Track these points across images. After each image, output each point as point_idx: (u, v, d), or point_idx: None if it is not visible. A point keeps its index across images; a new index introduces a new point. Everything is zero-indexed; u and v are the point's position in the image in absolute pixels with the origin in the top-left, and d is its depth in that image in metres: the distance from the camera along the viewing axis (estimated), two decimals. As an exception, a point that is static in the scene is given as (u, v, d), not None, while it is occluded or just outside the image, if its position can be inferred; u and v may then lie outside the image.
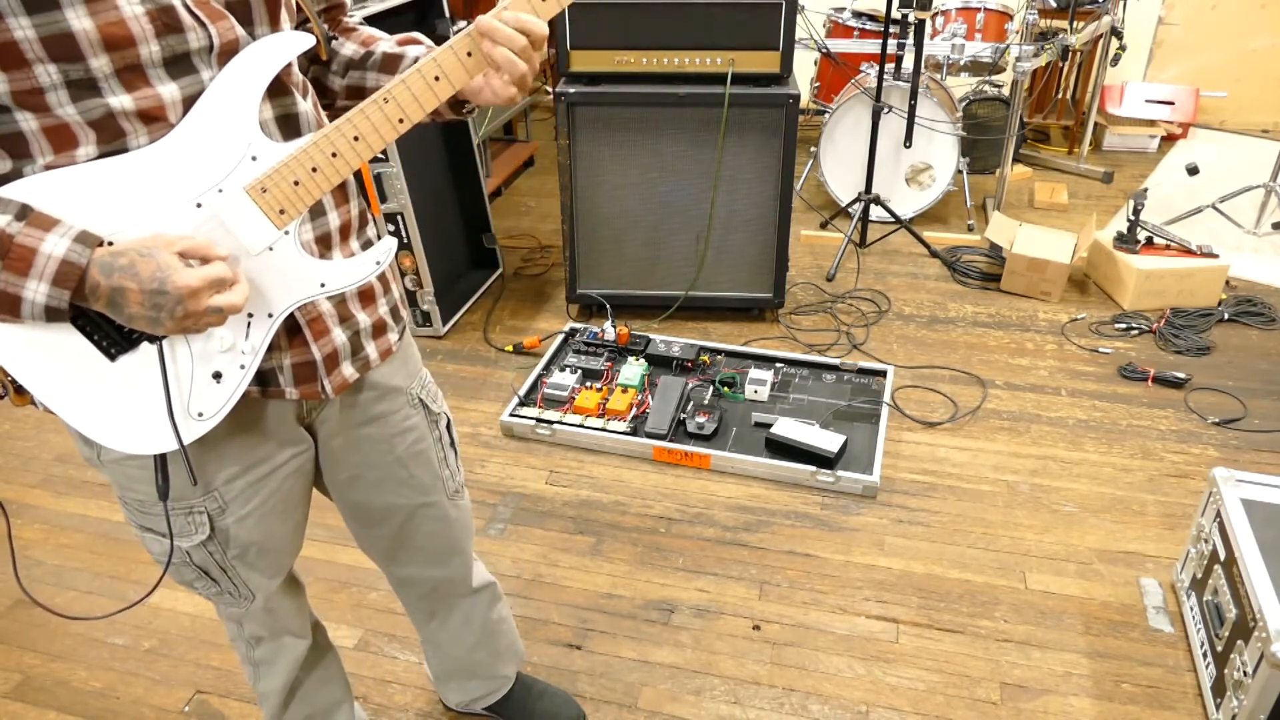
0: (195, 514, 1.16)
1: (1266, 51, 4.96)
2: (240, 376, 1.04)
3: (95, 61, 0.87)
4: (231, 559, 1.23)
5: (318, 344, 1.13)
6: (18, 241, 0.88)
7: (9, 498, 2.42)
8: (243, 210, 0.98)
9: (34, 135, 0.91)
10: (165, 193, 0.94)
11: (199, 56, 0.94)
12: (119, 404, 1.00)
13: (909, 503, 2.37)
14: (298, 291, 1.04)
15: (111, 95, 0.90)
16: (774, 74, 2.86)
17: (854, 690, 1.87)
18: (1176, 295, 3.25)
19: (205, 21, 0.93)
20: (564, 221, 3.07)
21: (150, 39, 0.89)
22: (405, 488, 1.36)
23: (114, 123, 0.92)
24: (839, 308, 3.32)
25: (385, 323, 1.23)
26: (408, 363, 1.31)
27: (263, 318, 1.03)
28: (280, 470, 1.21)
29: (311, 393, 1.15)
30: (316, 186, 1.00)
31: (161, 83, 0.92)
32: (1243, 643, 1.70)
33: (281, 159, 0.98)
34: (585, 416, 2.64)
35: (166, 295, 0.89)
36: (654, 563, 2.19)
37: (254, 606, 1.32)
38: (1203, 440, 2.59)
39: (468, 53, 1.02)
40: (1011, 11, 4.10)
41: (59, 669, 1.93)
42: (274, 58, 0.97)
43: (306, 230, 1.08)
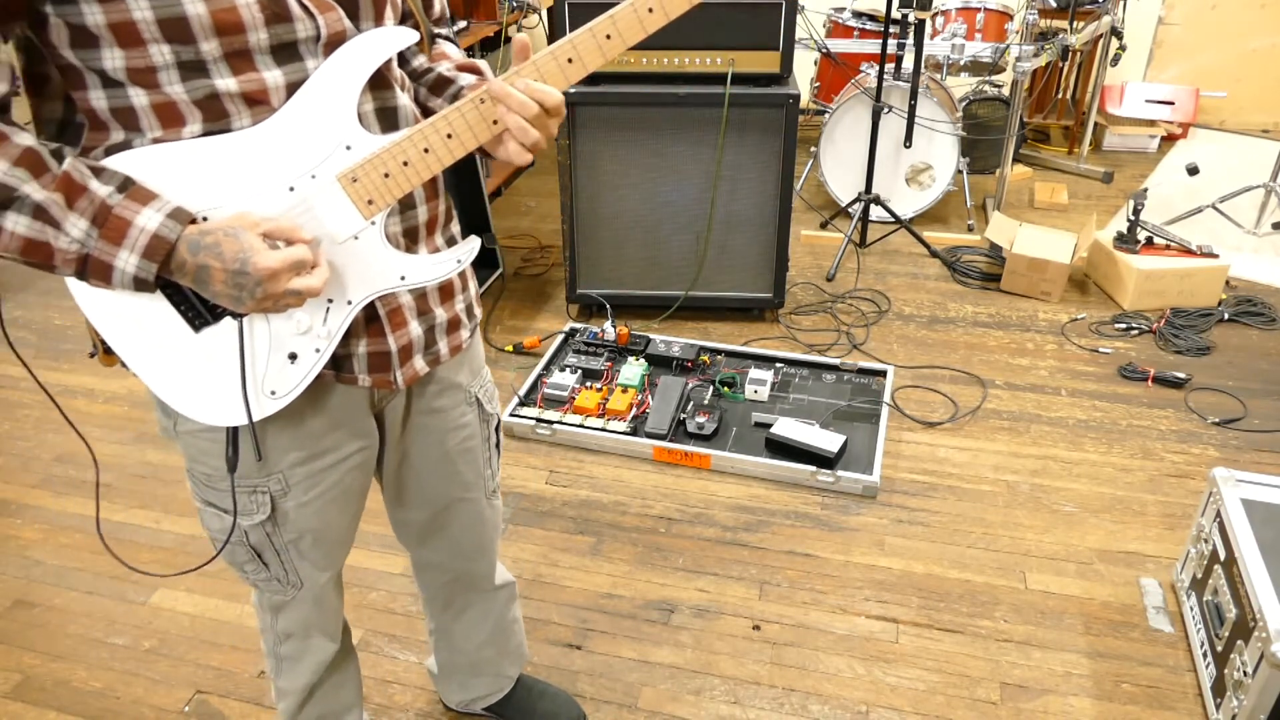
0: (259, 493, 1.19)
1: (1266, 51, 4.96)
2: (315, 360, 1.06)
3: (205, 45, 0.91)
4: (286, 543, 1.25)
5: (394, 335, 1.15)
6: (115, 213, 0.92)
7: (9, 498, 2.42)
8: (332, 197, 1.00)
9: (144, 110, 0.94)
10: (261, 174, 0.98)
11: (305, 46, 0.97)
12: (197, 374, 1.05)
13: (909, 503, 2.37)
14: (378, 282, 1.06)
15: (218, 77, 0.93)
16: (774, 74, 2.86)
17: (854, 690, 1.87)
18: (1176, 295, 3.25)
19: (314, 12, 0.96)
20: (564, 221, 3.07)
21: (259, 26, 0.92)
22: (448, 481, 1.39)
23: (218, 104, 0.95)
24: (839, 308, 3.32)
25: (460, 320, 1.26)
26: (472, 361, 1.34)
27: (341, 304, 1.05)
28: (346, 462, 1.23)
29: (384, 382, 1.17)
30: (407, 180, 1.02)
31: (267, 68, 0.95)
32: (1243, 643, 1.70)
33: (375, 151, 1.00)
34: (585, 416, 2.64)
35: (247, 276, 0.93)
36: (654, 563, 2.19)
37: (300, 595, 1.34)
38: (1203, 440, 2.59)
39: (484, 119, 1.02)
40: (1011, 11, 4.10)
41: (59, 669, 1.93)
42: (378, 51, 0.99)
43: (394, 223, 1.10)
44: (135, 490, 2.44)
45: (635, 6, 1.00)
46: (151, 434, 2.66)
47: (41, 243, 0.91)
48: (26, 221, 0.90)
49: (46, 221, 0.90)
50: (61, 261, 0.93)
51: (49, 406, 2.80)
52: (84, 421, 2.72)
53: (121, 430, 2.68)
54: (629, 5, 1.00)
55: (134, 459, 2.56)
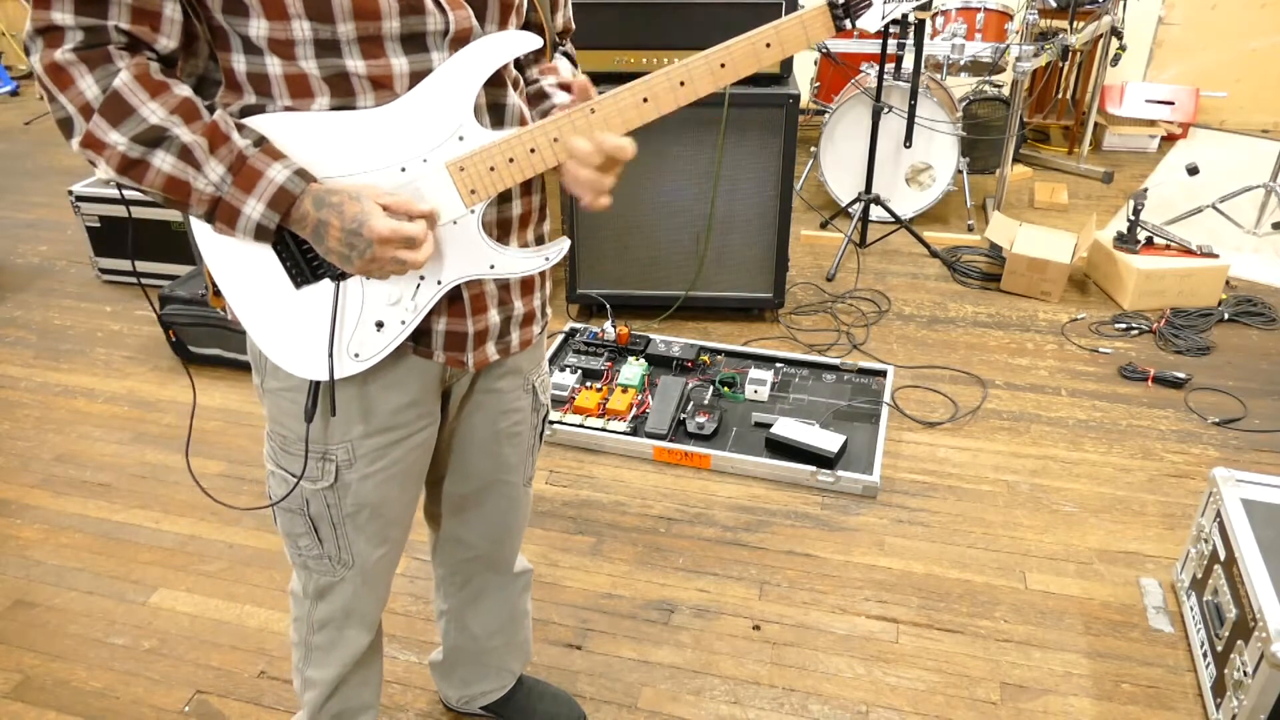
0: (326, 461, 1.23)
1: (1266, 51, 4.96)
2: (400, 330, 1.13)
3: (343, 27, 0.98)
4: (345, 516, 1.29)
5: (474, 319, 1.20)
6: (250, 163, 1.00)
7: (9, 498, 2.42)
8: (439, 182, 1.07)
9: (277, 79, 1.02)
10: (377, 152, 1.05)
11: (432, 39, 1.03)
12: (292, 327, 1.12)
13: (909, 503, 2.37)
14: (469, 267, 1.13)
15: (349, 58, 1.00)
16: (774, 74, 2.86)
17: (854, 690, 1.87)
18: (1176, 295, 3.25)
19: (446, 8, 1.02)
20: (564, 221, 3.07)
21: (394, 15, 0.99)
22: (493, 460, 1.43)
23: (346, 83, 1.02)
24: (839, 308, 3.32)
25: (535, 314, 1.31)
26: (535, 351, 1.39)
27: (432, 282, 1.12)
28: (411, 439, 1.27)
29: (456, 361, 1.22)
30: (510, 175, 1.08)
31: (395, 55, 1.02)
32: (1243, 643, 1.70)
33: (484, 144, 1.06)
34: (585, 416, 2.64)
35: (360, 237, 1.00)
36: (654, 563, 2.19)
37: (349, 576, 1.36)
38: (1203, 440, 2.59)
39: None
40: (1011, 11, 4.10)
41: (59, 669, 1.93)
42: (502, 52, 1.05)
43: (490, 212, 1.16)
44: (135, 490, 2.44)
45: (709, 59, 1.06)
46: (151, 434, 2.66)
47: (182, 181, 0.99)
48: (173, 160, 0.98)
49: (190, 163, 0.99)
50: (196, 201, 1.00)
51: (49, 406, 2.80)
52: (83, 421, 2.72)
53: (121, 430, 2.68)
54: (703, 57, 1.05)
55: (134, 459, 2.56)
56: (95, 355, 3.05)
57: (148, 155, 0.98)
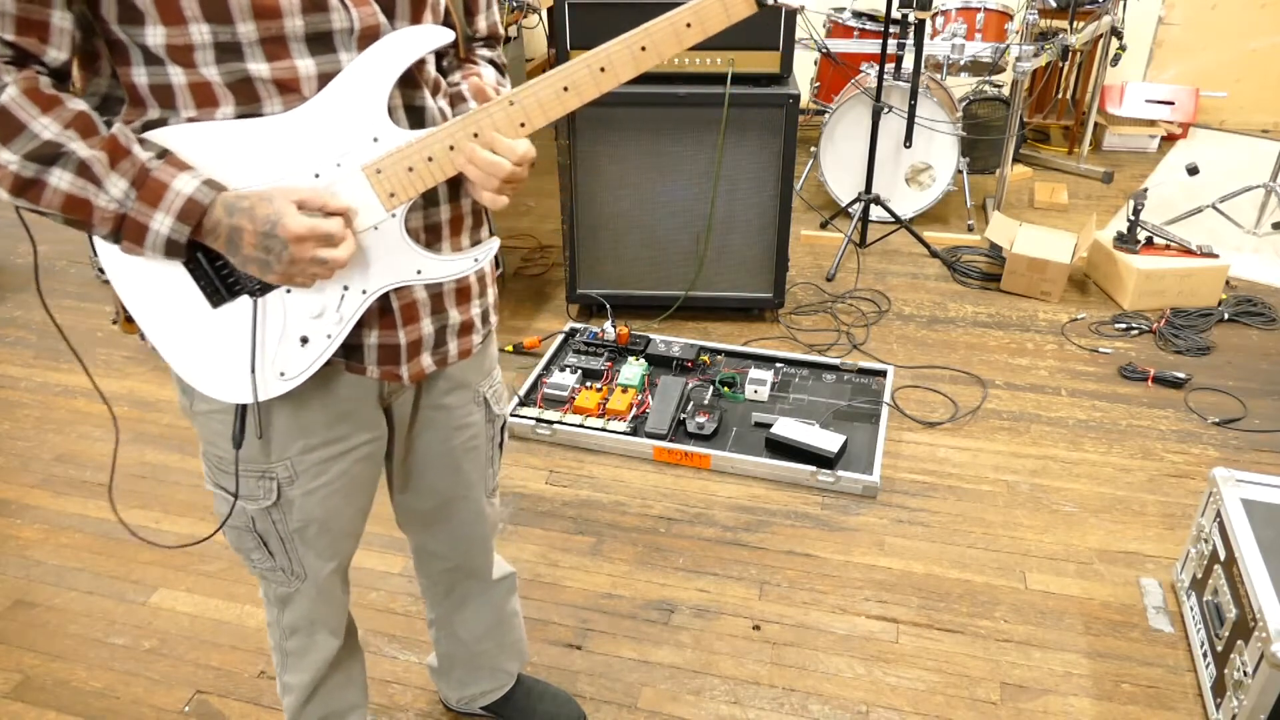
0: (267, 479, 1.21)
1: (1266, 51, 4.96)
2: (326, 344, 1.09)
3: (243, 28, 0.94)
4: (292, 531, 1.27)
5: (405, 329, 1.16)
6: (154, 175, 0.96)
7: (9, 498, 2.42)
8: (356, 187, 1.03)
9: (180, 89, 0.98)
10: (289, 159, 1.01)
11: (339, 37, 0.99)
12: (211, 350, 1.08)
13: (909, 503, 2.37)
14: (394, 274, 1.09)
15: (252, 62, 0.96)
16: (774, 74, 2.86)
17: (854, 690, 1.87)
18: (1176, 295, 3.25)
19: (349, 5, 0.98)
20: (564, 221, 3.07)
21: (296, 13, 0.95)
22: (451, 477, 1.41)
23: (251, 88, 0.98)
24: (839, 308, 3.32)
25: (473, 324, 1.27)
26: (483, 363, 1.35)
27: (356, 292, 1.08)
28: (354, 452, 1.25)
29: (391, 375, 1.19)
30: (430, 175, 1.04)
31: (300, 57, 0.98)
32: (1243, 643, 1.70)
33: (400, 144, 1.02)
34: (585, 416, 2.64)
35: (276, 239, 0.96)
36: (654, 563, 2.19)
37: (304, 587, 1.35)
38: (1203, 440, 2.59)
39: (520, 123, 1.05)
40: (1011, 11, 4.10)
41: (59, 669, 1.93)
42: (412, 48, 1.01)
43: (416, 218, 1.11)
44: (135, 490, 2.44)
45: (629, 43, 1.02)
46: (152, 434, 2.66)
47: (82, 200, 0.95)
48: (70, 178, 0.94)
49: (89, 179, 0.94)
50: (99, 220, 0.96)
51: (49, 406, 2.80)
52: (84, 421, 2.72)
53: (121, 430, 2.68)
54: (622, 41, 1.02)
55: (134, 459, 2.56)
56: (95, 355, 3.05)
57: (43, 174, 0.93)
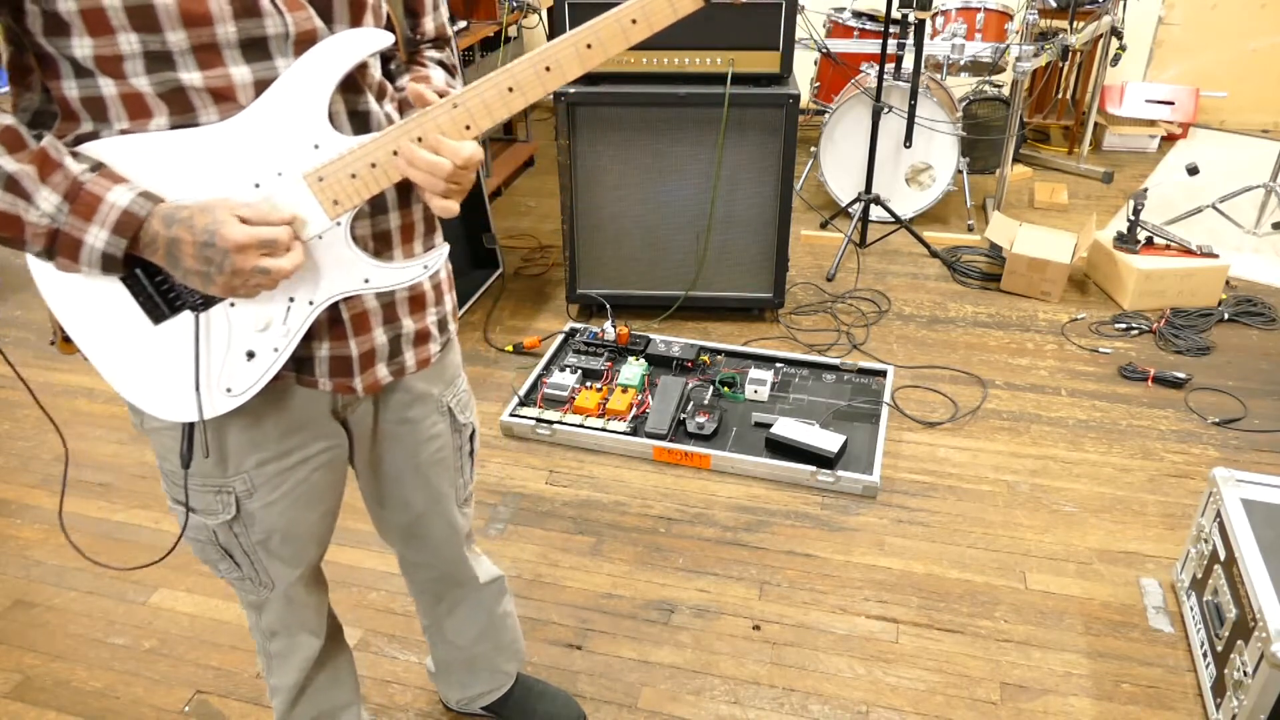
0: (224, 493, 1.19)
1: (1266, 51, 4.96)
2: (273, 359, 1.06)
3: (172, 35, 0.91)
4: (255, 543, 1.25)
5: (357, 340, 1.14)
6: (87, 188, 0.92)
7: (9, 498, 2.42)
8: (298, 196, 1.00)
9: (112, 101, 0.95)
10: (227, 169, 0.98)
11: (275, 43, 0.96)
12: (154, 368, 1.05)
13: (909, 503, 2.37)
14: (341, 284, 1.06)
15: (184, 71, 0.93)
16: (774, 74, 2.86)
17: (854, 690, 1.87)
18: (1176, 295, 3.25)
19: (283, 9, 0.95)
20: (564, 221, 3.07)
21: (228, 19, 0.92)
22: (422, 490, 1.39)
23: (184, 98, 0.95)
24: (839, 308, 3.32)
25: (429, 332, 1.24)
26: (445, 372, 1.32)
27: (303, 303, 1.05)
28: (311, 461, 1.23)
29: (344, 387, 1.16)
30: (375, 182, 1.01)
31: (235, 64, 0.95)
32: (1243, 643, 1.70)
33: (342, 151, 1.00)
34: (585, 416, 2.64)
35: (215, 248, 0.93)
36: (654, 563, 2.19)
37: (273, 595, 1.34)
38: (1203, 440, 2.59)
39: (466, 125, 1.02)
40: (1011, 11, 4.10)
41: (59, 669, 1.93)
42: (350, 52, 0.98)
43: (364, 225, 1.09)
44: (135, 490, 2.44)
45: (574, 40, 1.00)
46: (151, 434, 2.66)
47: (12, 216, 0.92)
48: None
49: (18, 194, 0.91)
50: (31, 236, 0.93)
51: (49, 406, 2.80)
52: (84, 422, 2.72)
53: (121, 430, 2.68)
54: (568, 38, 0.99)
55: (134, 459, 2.56)
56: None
57: None
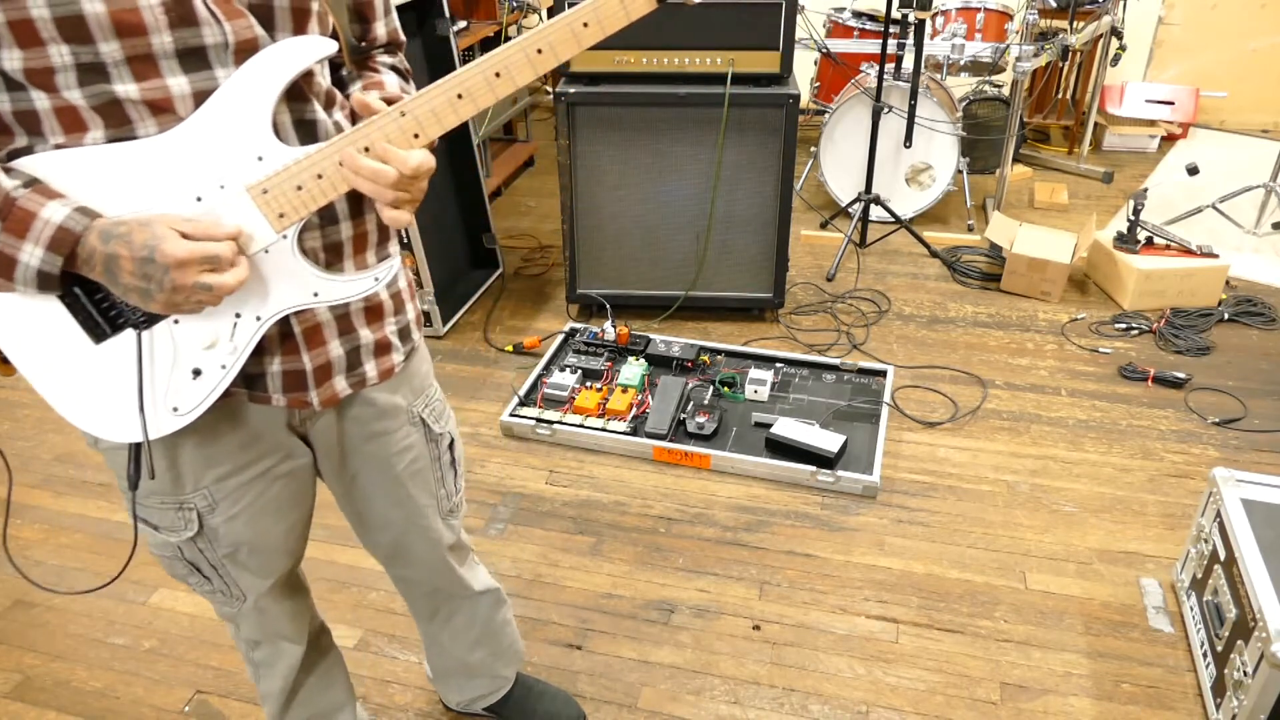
0: (185, 509, 1.17)
1: (1266, 51, 4.96)
2: (221, 376, 1.03)
3: (105, 46, 0.88)
4: (222, 557, 1.23)
5: (310, 354, 1.11)
6: (20, 204, 0.90)
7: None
8: (242, 209, 0.97)
9: (46, 115, 0.92)
10: (167, 183, 0.95)
11: (214, 52, 0.93)
12: (97, 388, 1.02)
13: (909, 503, 2.37)
14: (289, 298, 1.03)
15: (119, 83, 0.90)
16: (774, 74, 2.86)
17: (854, 690, 1.87)
18: (1176, 295, 3.25)
19: (221, 18, 0.92)
20: (564, 221, 3.07)
21: (163, 29, 0.89)
22: (401, 505, 1.36)
23: (120, 110, 0.92)
24: (839, 308, 3.32)
25: (390, 342, 1.21)
26: (412, 380, 1.29)
27: (250, 318, 1.02)
28: (271, 472, 1.20)
29: (299, 402, 1.14)
30: (321, 193, 0.99)
31: (172, 75, 0.92)
32: (1243, 643, 1.70)
33: (287, 163, 0.97)
34: (585, 416, 2.64)
35: (155, 264, 0.90)
36: (654, 563, 2.19)
37: (245, 607, 1.32)
38: (1203, 440, 2.59)
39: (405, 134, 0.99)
40: (1011, 11, 4.10)
41: (59, 669, 1.93)
42: (292, 61, 0.95)
43: (314, 238, 1.06)
44: (135, 490, 2.44)
45: (524, 46, 0.97)
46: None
47: None
48: None
49: None
50: None
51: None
52: (84, 421, 2.72)
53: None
54: (517, 43, 0.97)
55: (134, 459, 2.56)
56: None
57: None
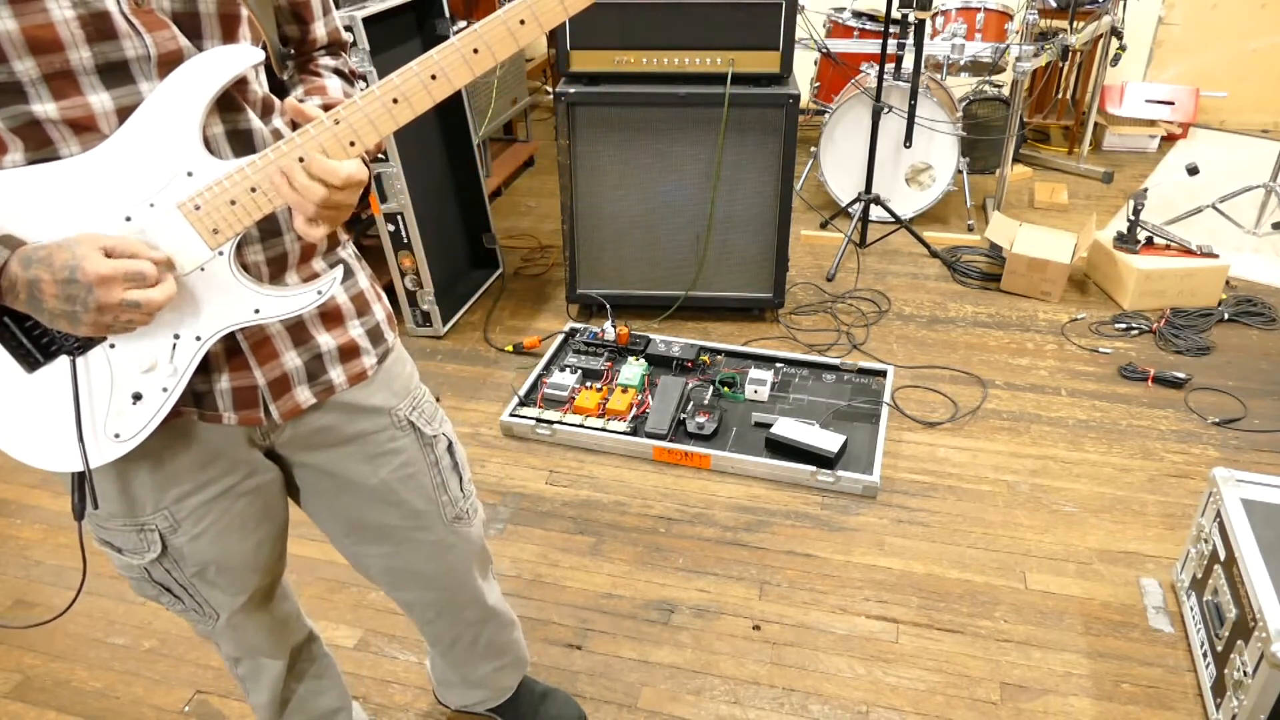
0: (147, 531, 1.13)
1: (1266, 51, 4.96)
2: (163, 399, 1.00)
3: (20, 65, 0.84)
4: (190, 577, 1.20)
5: (262, 368, 1.07)
6: None
7: (9, 498, 2.42)
8: (174, 227, 0.94)
9: None
10: (94, 204, 0.91)
11: (137, 66, 0.90)
12: (33, 418, 0.98)
13: (909, 503, 2.37)
14: (229, 316, 0.99)
15: (37, 102, 0.87)
16: (774, 74, 2.86)
17: (854, 690, 1.87)
18: (1176, 295, 3.25)
19: (141, 30, 0.89)
20: (564, 221, 3.07)
21: (80, 44, 0.86)
22: (394, 512, 1.29)
23: (40, 131, 0.89)
24: (839, 308, 3.32)
25: (357, 345, 1.17)
26: (392, 383, 1.24)
27: (189, 339, 0.98)
28: (234, 490, 1.17)
29: (252, 419, 1.09)
30: (256, 208, 0.95)
31: (94, 91, 0.88)
32: (1243, 643, 1.70)
33: (218, 177, 0.93)
34: (585, 416, 2.64)
35: (77, 284, 0.86)
36: (654, 563, 2.19)
37: (219, 625, 1.29)
38: (1203, 440, 2.59)
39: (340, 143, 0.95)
40: (1011, 11, 4.10)
41: (59, 669, 1.93)
42: (219, 71, 0.91)
43: (255, 251, 1.03)
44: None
45: (460, 47, 0.93)
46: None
47: None
48: None
49: None
50: None
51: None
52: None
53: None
54: (454, 43, 0.93)
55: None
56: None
57: None
